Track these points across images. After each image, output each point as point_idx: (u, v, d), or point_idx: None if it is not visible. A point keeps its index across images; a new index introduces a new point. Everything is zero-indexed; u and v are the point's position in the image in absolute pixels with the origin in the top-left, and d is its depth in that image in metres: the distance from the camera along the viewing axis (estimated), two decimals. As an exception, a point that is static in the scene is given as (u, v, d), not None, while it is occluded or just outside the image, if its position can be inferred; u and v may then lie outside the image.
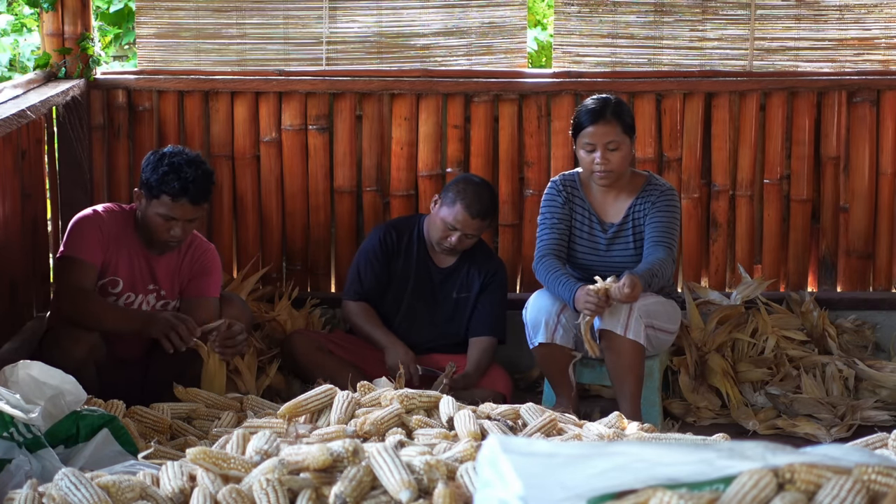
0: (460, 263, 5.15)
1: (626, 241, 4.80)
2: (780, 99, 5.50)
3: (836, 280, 5.65)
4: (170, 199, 4.52)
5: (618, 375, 4.60)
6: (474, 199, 4.98)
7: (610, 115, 4.68)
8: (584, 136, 4.70)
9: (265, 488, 2.79)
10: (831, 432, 4.81)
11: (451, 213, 4.99)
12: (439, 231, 5.04)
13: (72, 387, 3.61)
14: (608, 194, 4.82)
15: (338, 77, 5.50)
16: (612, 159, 4.69)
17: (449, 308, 5.14)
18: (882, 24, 5.53)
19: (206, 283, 4.75)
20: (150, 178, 4.54)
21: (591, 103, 4.74)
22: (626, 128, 4.71)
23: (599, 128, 4.67)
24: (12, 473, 3.23)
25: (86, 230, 4.61)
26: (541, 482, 2.20)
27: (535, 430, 3.76)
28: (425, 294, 5.14)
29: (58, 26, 5.38)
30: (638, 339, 4.55)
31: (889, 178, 5.56)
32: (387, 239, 5.14)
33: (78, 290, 4.52)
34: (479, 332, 5.09)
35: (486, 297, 5.12)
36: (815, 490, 2.27)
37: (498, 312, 5.13)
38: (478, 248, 5.18)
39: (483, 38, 5.54)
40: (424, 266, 5.14)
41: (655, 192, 4.79)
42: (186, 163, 4.53)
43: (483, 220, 5.02)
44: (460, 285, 5.13)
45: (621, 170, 4.74)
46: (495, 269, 5.17)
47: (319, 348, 5.04)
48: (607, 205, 4.83)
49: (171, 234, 4.57)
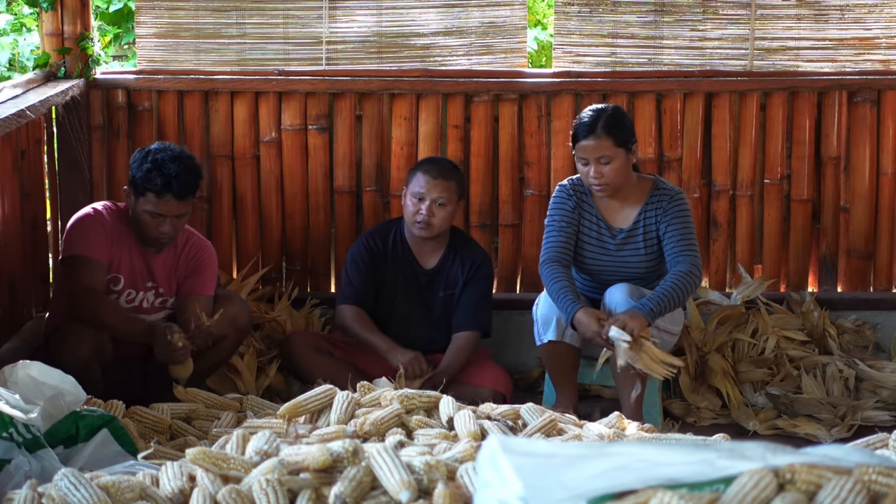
0: (444, 261, 5.11)
1: (636, 245, 4.78)
2: (780, 99, 5.50)
3: (837, 280, 5.64)
4: (154, 196, 4.53)
5: (623, 375, 4.60)
6: (431, 164, 5.01)
7: (601, 129, 4.62)
8: (578, 149, 4.69)
9: (265, 488, 2.78)
10: (832, 432, 4.81)
11: (414, 184, 4.97)
12: (409, 210, 4.99)
13: (71, 387, 3.61)
14: (614, 200, 4.80)
15: (338, 77, 5.50)
16: (605, 173, 4.65)
17: (438, 308, 5.11)
18: (882, 23, 5.53)
19: (200, 280, 4.75)
20: (136, 176, 4.56)
21: (586, 116, 4.70)
22: (620, 141, 4.64)
23: (591, 142, 4.63)
24: (12, 474, 3.23)
25: (90, 228, 4.61)
26: (541, 482, 2.20)
27: (535, 430, 3.75)
28: (414, 297, 5.12)
29: (57, 26, 5.37)
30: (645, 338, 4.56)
31: (889, 178, 5.56)
32: (371, 246, 5.11)
33: (88, 291, 4.52)
34: (460, 327, 5.06)
35: (468, 291, 5.08)
36: (816, 490, 2.26)
37: (480, 305, 5.08)
38: (460, 243, 5.13)
39: (483, 38, 5.54)
40: (410, 269, 5.11)
41: (665, 199, 4.76)
42: (170, 159, 4.54)
43: (446, 181, 4.96)
44: (446, 283, 5.11)
45: (616, 182, 4.69)
46: (479, 261, 5.12)
47: (318, 349, 5.03)
48: (615, 211, 4.81)
49: (161, 231, 4.58)
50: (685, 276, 4.61)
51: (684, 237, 4.71)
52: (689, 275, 4.62)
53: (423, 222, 4.97)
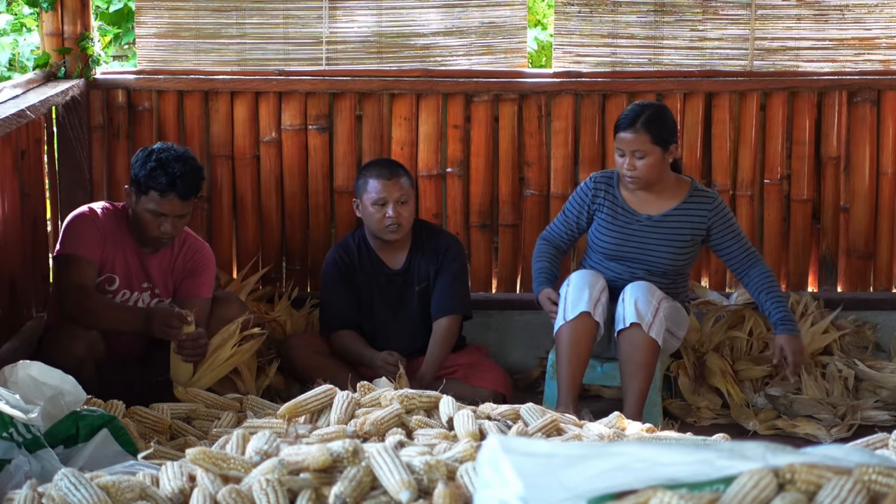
0: (411, 256, 5.09)
1: (666, 235, 4.80)
2: (780, 99, 5.50)
3: (837, 280, 5.65)
4: (158, 195, 4.53)
5: (629, 371, 4.60)
6: (379, 167, 5.00)
7: (641, 124, 4.68)
8: (617, 140, 4.76)
9: (265, 488, 2.78)
10: (831, 433, 4.81)
11: (370, 191, 4.96)
12: (374, 217, 4.97)
13: (71, 387, 3.61)
14: (649, 193, 4.83)
15: (338, 77, 5.50)
16: (638, 167, 4.71)
17: (416, 304, 5.09)
18: (882, 24, 5.53)
19: (198, 282, 4.75)
20: (139, 174, 4.56)
21: (630, 109, 4.78)
22: (658, 139, 4.69)
23: (629, 135, 4.70)
24: (12, 474, 3.23)
25: (83, 227, 4.61)
26: (541, 482, 2.20)
27: (536, 430, 3.75)
28: (391, 300, 5.10)
29: (57, 26, 5.37)
30: (658, 339, 4.59)
31: (889, 178, 5.56)
32: (339, 261, 5.10)
33: (79, 289, 4.52)
34: (437, 314, 5.04)
35: (440, 277, 5.06)
36: (816, 490, 2.26)
37: (454, 287, 5.05)
38: (423, 235, 5.11)
39: (483, 38, 5.54)
40: (380, 273, 5.09)
41: (707, 205, 4.81)
42: (174, 158, 4.56)
43: (400, 178, 4.96)
44: (418, 277, 5.09)
45: (649, 177, 4.74)
46: (445, 247, 5.09)
47: (317, 351, 5.03)
48: (646, 201, 4.83)
49: (162, 231, 4.58)
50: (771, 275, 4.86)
51: (746, 242, 4.89)
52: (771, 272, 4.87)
53: (394, 224, 4.96)
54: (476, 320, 5.38)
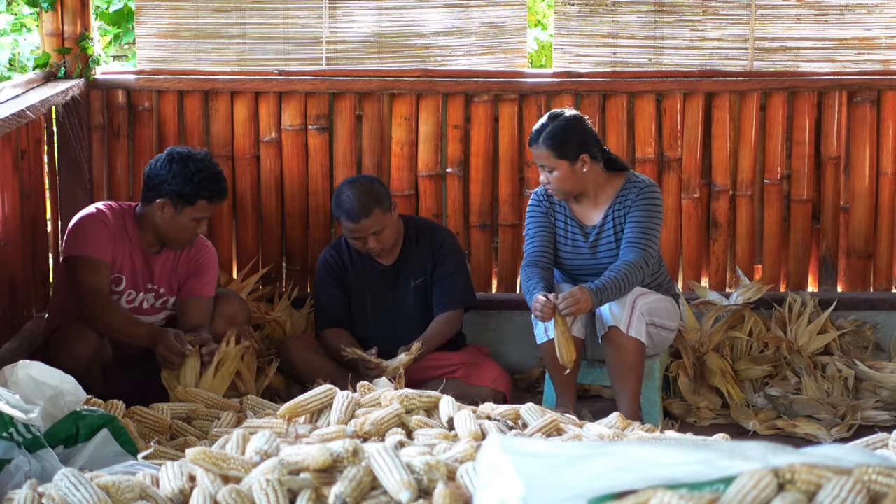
0: (404, 252, 5.09)
1: (608, 242, 4.75)
2: (780, 99, 5.50)
3: (837, 280, 5.64)
4: (207, 202, 4.64)
5: (618, 374, 4.59)
6: (348, 206, 4.88)
7: (542, 140, 4.63)
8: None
9: (265, 488, 2.78)
10: (832, 433, 4.81)
11: (345, 229, 4.97)
12: (358, 245, 4.99)
13: (71, 387, 3.61)
14: (585, 199, 4.78)
15: (338, 77, 5.50)
16: (551, 179, 4.68)
17: (412, 299, 5.09)
18: (882, 24, 5.53)
19: (201, 282, 4.77)
20: (185, 188, 4.58)
21: (539, 122, 4.72)
22: (561, 153, 4.61)
23: (534, 150, 4.68)
24: (12, 474, 3.22)
25: (93, 228, 4.62)
26: (541, 482, 2.20)
27: (536, 430, 3.75)
28: (385, 296, 5.10)
29: (57, 26, 5.38)
30: (639, 337, 4.55)
31: (889, 178, 5.56)
32: (330, 261, 5.10)
33: (94, 293, 4.53)
34: (438, 310, 5.05)
35: (437, 272, 5.07)
36: (816, 490, 2.26)
37: (453, 281, 5.06)
38: (415, 231, 5.11)
39: (483, 38, 5.54)
40: (373, 271, 5.09)
41: (634, 191, 4.72)
42: (210, 164, 4.67)
43: (368, 216, 4.88)
44: (414, 271, 5.09)
45: (565, 188, 4.68)
46: (440, 240, 5.10)
47: (317, 351, 5.03)
48: (587, 210, 4.79)
49: (198, 233, 4.72)
50: (632, 267, 4.57)
51: (642, 229, 4.67)
52: (636, 267, 4.58)
53: (375, 252, 4.99)
54: (476, 320, 5.38)
